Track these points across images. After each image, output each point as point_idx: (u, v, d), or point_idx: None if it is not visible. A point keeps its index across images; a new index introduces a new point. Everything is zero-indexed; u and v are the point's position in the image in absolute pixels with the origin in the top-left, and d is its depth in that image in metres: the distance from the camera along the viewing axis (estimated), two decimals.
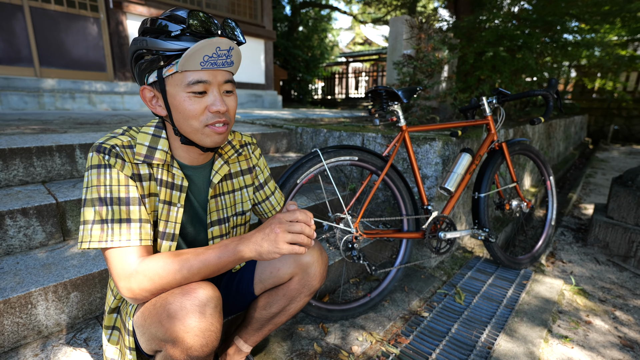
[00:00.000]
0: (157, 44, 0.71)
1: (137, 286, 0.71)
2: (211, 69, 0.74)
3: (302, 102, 10.45)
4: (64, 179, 1.64)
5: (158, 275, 0.71)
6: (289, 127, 2.77)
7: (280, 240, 0.72)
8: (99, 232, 0.71)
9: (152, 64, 0.74)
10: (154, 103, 0.79)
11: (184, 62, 0.71)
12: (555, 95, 1.68)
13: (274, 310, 1.02)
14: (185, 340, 0.68)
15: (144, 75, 0.77)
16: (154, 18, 0.73)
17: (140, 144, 0.79)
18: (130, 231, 0.74)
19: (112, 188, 0.73)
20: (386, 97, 1.57)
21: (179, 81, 0.73)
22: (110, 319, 0.90)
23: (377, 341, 1.40)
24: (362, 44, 22.27)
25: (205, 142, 0.80)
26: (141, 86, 0.79)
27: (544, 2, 3.84)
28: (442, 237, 1.68)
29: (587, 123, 9.03)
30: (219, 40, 0.72)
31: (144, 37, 0.73)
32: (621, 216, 2.40)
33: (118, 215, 0.73)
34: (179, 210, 0.85)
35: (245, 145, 1.03)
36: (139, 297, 0.73)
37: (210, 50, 0.72)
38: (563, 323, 1.62)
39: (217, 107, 0.76)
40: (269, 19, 6.53)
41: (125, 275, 0.71)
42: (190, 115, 0.76)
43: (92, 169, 0.74)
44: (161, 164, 0.81)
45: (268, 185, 1.08)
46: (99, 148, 0.74)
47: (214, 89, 0.76)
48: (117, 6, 4.62)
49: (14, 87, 4.09)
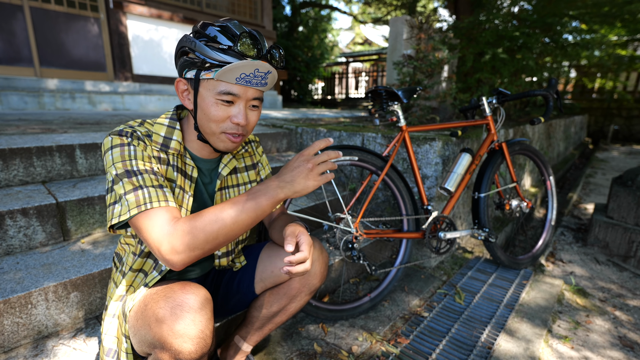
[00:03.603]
0: (205, 50, 0.74)
1: (179, 243, 0.69)
2: (245, 85, 0.78)
3: (302, 102, 10.45)
4: (64, 179, 1.64)
5: (198, 228, 0.70)
6: (289, 127, 2.77)
7: (312, 176, 0.76)
8: (135, 199, 0.71)
9: (194, 64, 0.77)
10: (185, 95, 0.83)
11: (222, 73, 0.74)
12: (555, 95, 1.68)
13: (275, 309, 1.02)
14: (174, 345, 0.67)
15: (184, 69, 0.80)
16: (207, 23, 0.77)
17: (157, 133, 0.83)
18: (165, 193, 0.75)
19: (138, 162, 0.75)
20: (386, 97, 1.57)
21: (212, 87, 0.77)
22: (113, 307, 0.90)
23: (377, 341, 1.40)
24: (362, 44, 22.27)
25: (218, 145, 0.84)
26: (178, 77, 0.83)
27: (543, 3, 3.84)
28: (442, 237, 1.68)
29: (587, 123, 9.03)
30: (259, 63, 0.76)
31: (196, 40, 0.76)
32: (621, 216, 2.40)
33: (150, 182, 0.74)
34: (190, 199, 0.87)
35: (249, 142, 1.07)
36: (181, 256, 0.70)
37: (249, 70, 0.76)
38: (563, 323, 1.62)
39: (238, 119, 0.80)
40: (269, 19, 6.52)
41: (168, 234, 0.69)
42: (212, 119, 0.79)
43: (114, 148, 0.75)
44: (176, 153, 0.85)
45: None
46: (120, 132, 0.78)
47: (241, 103, 0.80)
48: (117, 6, 4.62)
49: (14, 87, 4.09)
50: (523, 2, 4.02)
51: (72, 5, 4.38)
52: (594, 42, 4.24)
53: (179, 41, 0.80)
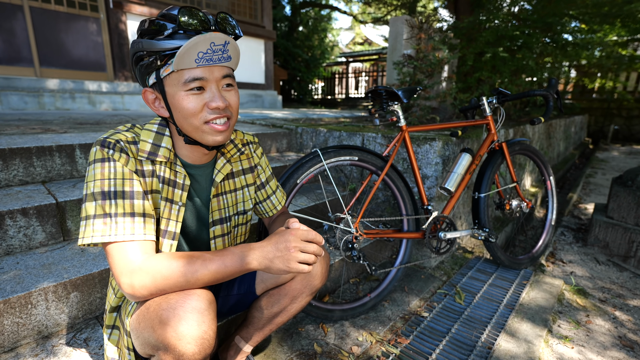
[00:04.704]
0: (152, 44, 0.70)
1: (138, 283, 0.70)
2: (207, 65, 0.73)
3: (302, 102, 10.45)
4: (64, 179, 1.64)
5: (161, 275, 0.70)
6: (289, 127, 2.77)
7: (292, 259, 0.73)
8: (101, 227, 0.70)
9: (151, 66, 0.73)
10: (157, 105, 0.79)
11: (178, 60, 0.70)
12: (555, 95, 1.68)
13: (275, 309, 1.02)
14: (177, 347, 0.67)
15: (145, 77, 0.76)
16: (150, 19, 0.72)
17: (144, 140, 0.79)
18: (135, 225, 0.72)
19: (116, 182, 0.72)
20: (386, 97, 1.57)
21: (176, 80, 0.73)
22: (111, 318, 0.90)
23: (377, 341, 1.40)
24: (362, 44, 22.27)
25: (207, 140, 0.79)
26: (143, 89, 0.78)
27: (543, 3, 3.84)
28: (442, 237, 1.68)
29: (587, 123, 9.03)
30: (212, 35, 0.71)
31: (141, 39, 0.72)
32: (621, 216, 2.40)
33: (122, 209, 0.72)
34: (181, 209, 0.84)
35: (247, 144, 1.03)
36: (138, 294, 0.71)
37: (205, 47, 0.71)
38: (563, 323, 1.62)
39: (215, 103, 0.75)
40: (269, 19, 6.52)
41: (128, 271, 0.70)
42: (189, 114, 0.75)
43: (96, 163, 0.73)
44: (164, 162, 0.81)
45: (269, 185, 1.08)
46: (103, 143, 0.74)
47: (211, 86, 0.75)
48: (117, 6, 4.62)
49: (14, 87, 4.09)
50: (523, 2, 4.02)
51: (72, 5, 4.38)
52: (594, 42, 4.24)
53: (130, 50, 0.76)
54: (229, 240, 0.99)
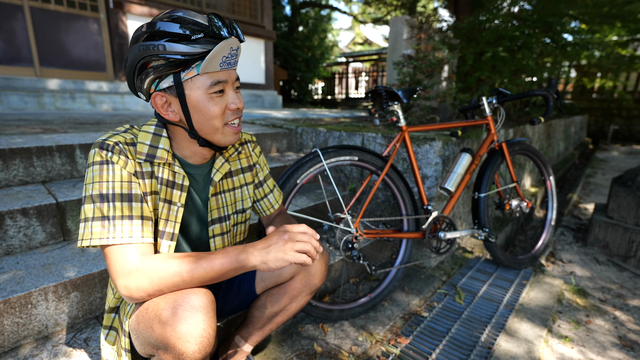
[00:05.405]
0: (177, 48, 0.70)
1: (135, 285, 0.70)
2: (227, 68, 0.77)
3: (302, 102, 10.45)
4: (64, 179, 1.64)
5: (158, 275, 0.70)
6: (289, 127, 2.77)
7: (288, 248, 0.73)
8: (99, 229, 0.71)
9: (166, 69, 0.72)
10: (167, 109, 0.78)
11: (206, 64, 0.72)
12: (555, 95, 1.68)
13: (275, 309, 1.02)
14: (177, 346, 0.67)
15: (154, 82, 0.75)
16: (152, 23, 0.71)
17: (142, 142, 0.79)
18: (132, 228, 0.73)
19: (115, 184, 0.73)
20: (386, 97, 1.57)
21: (200, 83, 0.74)
22: (109, 319, 0.90)
23: (377, 341, 1.40)
24: (362, 44, 22.27)
25: (223, 141, 0.83)
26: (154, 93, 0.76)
27: (543, 3, 3.84)
28: (442, 237, 1.68)
29: (587, 123, 9.03)
30: (232, 40, 0.74)
31: (157, 43, 0.70)
32: (621, 216, 2.40)
33: (120, 212, 0.72)
34: (179, 210, 0.85)
35: (245, 143, 1.03)
36: (135, 296, 0.71)
37: (227, 51, 0.74)
38: (563, 323, 1.62)
39: (236, 104, 0.79)
40: (269, 19, 6.53)
41: (125, 273, 0.70)
42: (213, 116, 0.77)
43: (94, 166, 0.73)
44: (162, 163, 0.81)
45: (267, 183, 1.08)
46: (102, 145, 0.74)
47: (230, 88, 0.79)
48: (117, 6, 4.62)
49: (14, 87, 4.09)
50: (523, 2, 4.02)
51: (72, 5, 4.38)
52: (594, 42, 4.25)
53: (132, 57, 0.73)
54: (228, 239, 0.99)
